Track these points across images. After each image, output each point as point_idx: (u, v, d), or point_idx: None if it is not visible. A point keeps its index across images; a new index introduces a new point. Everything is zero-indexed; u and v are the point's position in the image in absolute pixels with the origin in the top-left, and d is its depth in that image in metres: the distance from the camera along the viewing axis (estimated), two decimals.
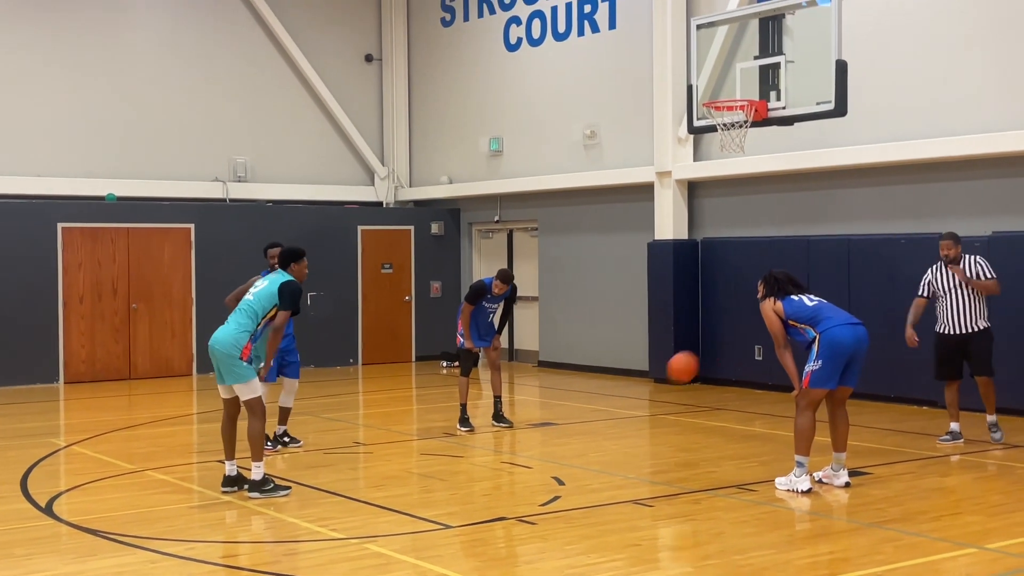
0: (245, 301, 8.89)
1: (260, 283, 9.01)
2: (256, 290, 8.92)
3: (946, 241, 10.89)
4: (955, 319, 10.80)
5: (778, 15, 11.56)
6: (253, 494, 8.65)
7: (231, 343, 8.65)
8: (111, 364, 17.28)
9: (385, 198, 20.70)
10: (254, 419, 8.72)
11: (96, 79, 18.13)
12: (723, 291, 15.55)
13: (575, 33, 17.67)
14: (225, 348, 8.64)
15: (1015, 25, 12.48)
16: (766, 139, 13.91)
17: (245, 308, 8.82)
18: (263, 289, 8.87)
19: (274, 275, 9.01)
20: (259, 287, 8.93)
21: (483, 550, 7.22)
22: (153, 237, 17.65)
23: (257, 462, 8.70)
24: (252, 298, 8.86)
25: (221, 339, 8.70)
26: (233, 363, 8.61)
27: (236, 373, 8.63)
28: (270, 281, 8.91)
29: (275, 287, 8.81)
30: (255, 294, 8.88)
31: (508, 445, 11.37)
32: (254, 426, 8.71)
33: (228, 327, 8.77)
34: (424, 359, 19.63)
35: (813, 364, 8.70)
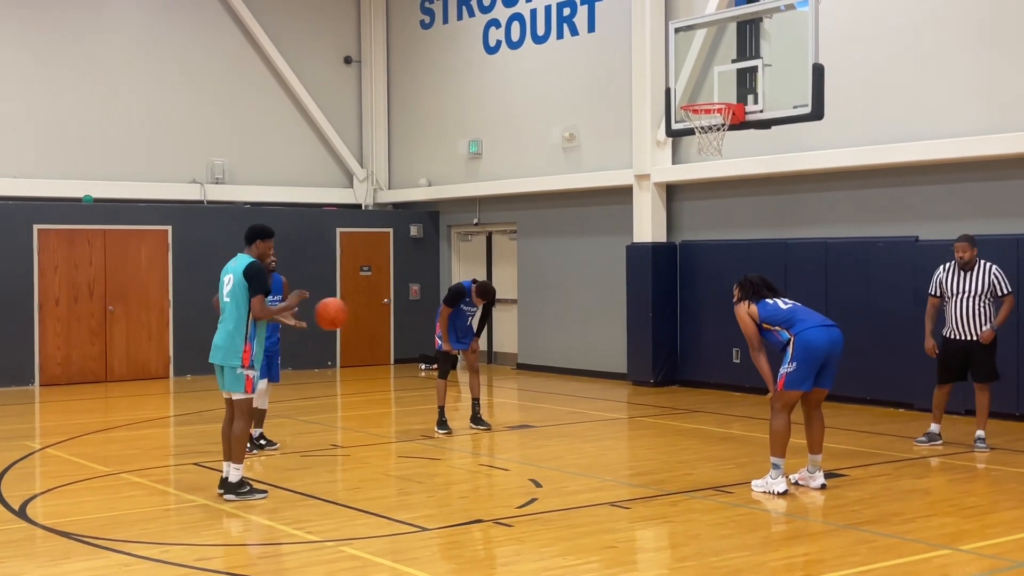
0: (226, 305, 8.73)
1: (227, 278, 8.76)
2: (228, 289, 8.73)
3: (961, 243, 10.63)
4: (961, 324, 10.63)
5: (756, 19, 11.61)
6: (229, 496, 8.61)
7: (231, 353, 8.60)
8: (87, 367, 17.18)
9: (364, 200, 20.67)
10: (241, 420, 8.69)
11: (73, 80, 18.04)
12: (701, 294, 15.59)
13: (554, 36, 17.69)
14: (226, 360, 8.60)
15: (990, 30, 12.57)
16: (744, 142, 13.96)
17: (230, 313, 8.68)
18: (233, 286, 8.68)
19: (235, 264, 8.77)
20: (229, 283, 8.73)
21: (460, 552, 7.21)
22: (130, 239, 17.56)
23: (237, 464, 8.67)
24: (229, 300, 8.71)
25: (220, 350, 8.64)
26: (234, 371, 8.60)
27: (237, 380, 8.62)
28: (234, 273, 8.70)
29: (241, 274, 8.63)
30: (230, 294, 8.70)
31: (486, 447, 11.36)
32: (239, 427, 8.68)
33: (221, 336, 8.67)
34: (402, 362, 19.61)
35: (788, 366, 8.73)
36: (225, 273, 8.86)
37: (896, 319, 13.29)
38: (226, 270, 8.87)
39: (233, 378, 8.62)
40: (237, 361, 8.58)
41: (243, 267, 8.68)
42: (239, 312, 8.64)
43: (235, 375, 8.61)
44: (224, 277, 8.86)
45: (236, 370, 8.59)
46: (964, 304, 10.59)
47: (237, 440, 8.68)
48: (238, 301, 8.65)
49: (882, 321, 13.43)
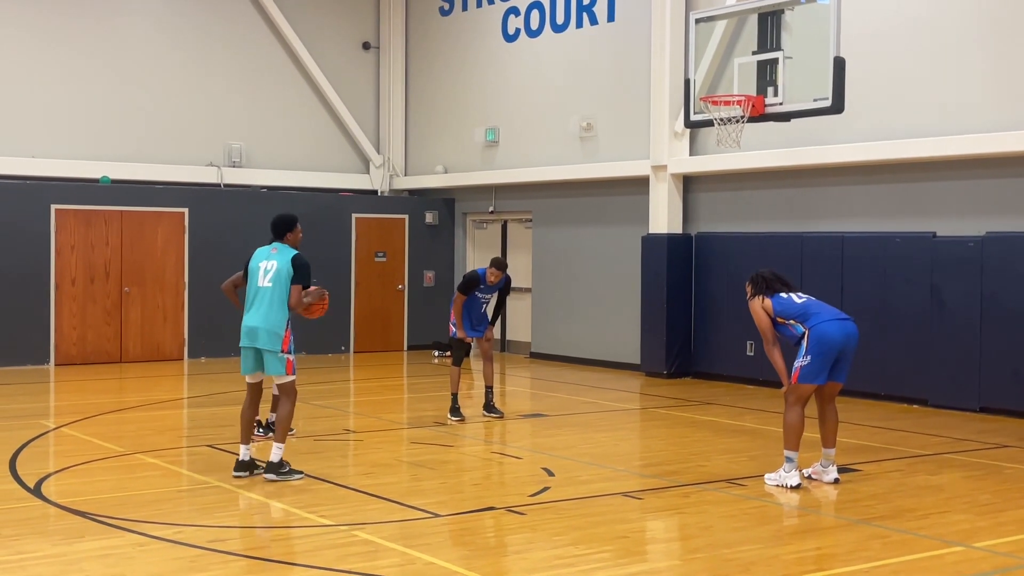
0: (267, 291, 8.73)
1: (269, 265, 8.80)
2: (271, 274, 8.76)
3: None
4: None
5: (777, 11, 11.55)
6: (269, 475, 8.70)
7: (273, 338, 8.70)
8: (102, 347, 17.25)
9: (380, 186, 20.68)
10: (287, 401, 8.85)
11: (93, 61, 18.07)
12: (716, 286, 15.56)
13: (573, 25, 17.65)
14: (268, 344, 8.70)
15: (1013, 27, 12.48)
16: (762, 135, 13.91)
17: (274, 298, 8.72)
18: (278, 271, 8.74)
19: (276, 252, 8.86)
20: (271, 270, 8.77)
21: (471, 539, 7.22)
22: (147, 221, 17.61)
23: (279, 443, 8.79)
24: (272, 284, 8.74)
25: (262, 335, 8.70)
26: (276, 355, 8.72)
27: (280, 363, 8.75)
28: (279, 260, 8.79)
29: (288, 263, 8.74)
30: (273, 280, 8.74)
31: (498, 435, 11.37)
32: (285, 408, 8.84)
33: (261, 321, 8.71)
34: (416, 348, 19.63)
35: (802, 359, 8.71)
36: (260, 260, 8.89)
37: (912, 315, 13.24)
38: (263, 257, 8.90)
39: (275, 362, 8.75)
40: (279, 346, 8.71)
41: (290, 257, 8.77)
42: (283, 299, 8.73)
43: (277, 359, 8.74)
44: (259, 263, 8.87)
45: (278, 355, 8.72)
46: None
47: (282, 422, 8.82)
48: (283, 288, 8.73)
49: (898, 317, 13.39)
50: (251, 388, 9.04)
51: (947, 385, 12.89)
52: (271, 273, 8.78)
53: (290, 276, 8.72)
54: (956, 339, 12.80)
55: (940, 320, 12.97)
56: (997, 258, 12.46)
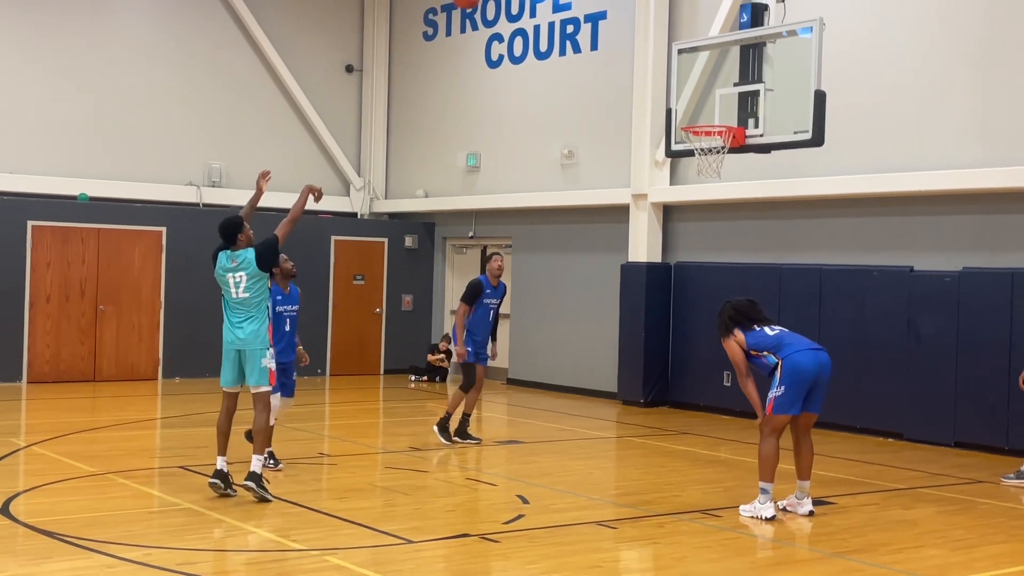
0: (240, 302, 8.81)
1: (237, 277, 8.82)
2: (243, 284, 8.79)
3: None
4: None
5: (759, 43, 11.60)
6: (249, 483, 8.69)
7: (257, 339, 8.81)
8: (76, 365, 17.10)
9: (360, 209, 20.65)
10: (263, 412, 8.89)
11: (74, 78, 18.00)
12: (694, 316, 15.57)
13: (557, 52, 17.71)
14: (252, 346, 8.80)
15: (992, 65, 12.60)
16: (743, 166, 13.96)
17: (252, 303, 8.80)
18: (247, 282, 8.80)
19: (238, 264, 8.81)
20: (241, 281, 8.80)
21: (444, 566, 7.16)
22: (124, 239, 17.51)
23: (259, 455, 8.80)
24: (249, 295, 8.80)
25: (246, 339, 8.80)
26: (260, 360, 8.79)
27: (263, 373, 8.83)
28: (244, 269, 8.79)
29: (253, 263, 8.78)
30: (248, 289, 8.79)
31: (473, 462, 11.32)
32: (261, 419, 8.88)
33: (247, 327, 8.81)
34: (392, 372, 19.55)
35: (776, 390, 8.71)
36: (226, 271, 8.89)
37: (889, 348, 13.28)
38: (227, 268, 8.89)
39: (260, 371, 8.81)
40: (266, 348, 8.81)
41: (253, 257, 8.81)
42: (260, 304, 8.85)
43: (261, 368, 8.80)
44: (227, 275, 8.88)
45: (262, 361, 8.78)
46: None
47: (260, 432, 8.85)
48: (260, 289, 8.85)
49: (875, 350, 13.42)
50: (227, 398, 9.01)
51: (922, 419, 12.92)
52: (243, 284, 8.83)
53: (262, 277, 8.82)
54: (932, 373, 12.84)
55: (916, 354, 13.02)
56: (973, 294, 12.53)
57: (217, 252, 9.02)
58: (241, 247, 8.94)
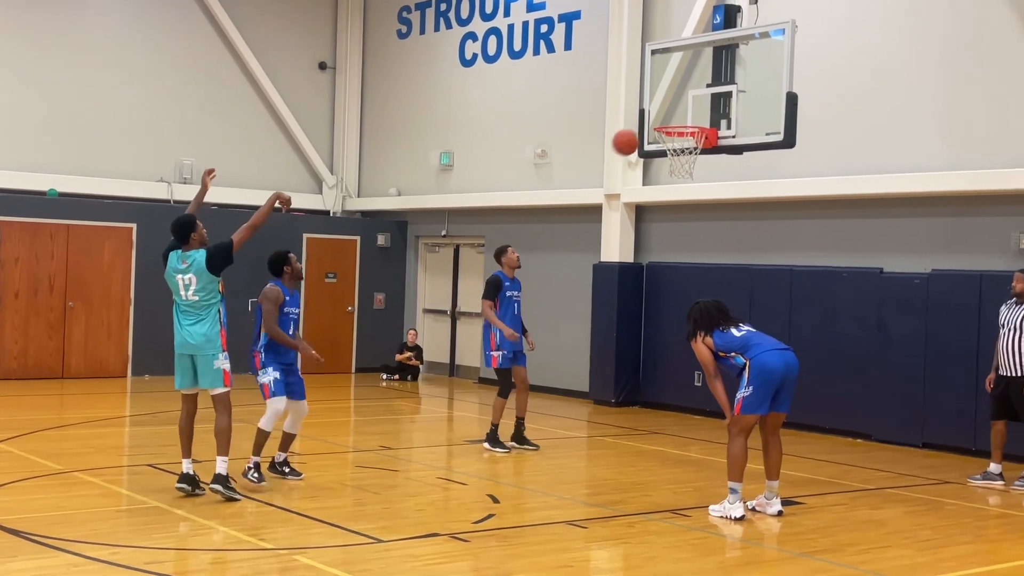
0: (191, 304, 8.65)
1: (187, 279, 8.65)
2: (192, 288, 8.62)
3: (1017, 274, 10.48)
4: (1005, 357, 10.37)
5: (732, 45, 11.64)
6: (215, 487, 8.58)
7: (208, 343, 8.62)
8: (44, 362, 16.96)
9: (332, 207, 20.58)
10: (224, 414, 8.74)
11: (44, 73, 17.85)
12: (666, 316, 15.61)
13: (530, 52, 17.71)
14: (203, 350, 8.62)
15: (961, 68, 12.70)
16: (715, 167, 14.00)
17: (202, 305, 8.65)
18: (197, 284, 8.63)
19: (189, 265, 8.64)
20: (191, 284, 8.64)
21: (414, 565, 7.15)
22: (94, 235, 17.38)
23: (224, 457, 8.67)
24: (198, 297, 8.64)
25: (197, 344, 8.61)
26: (213, 363, 8.62)
27: (216, 375, 8.65)
28: (195, 272, 8.62)
29: (204, 266, 8.61)
30: (198, 291, 8.63)
31: (444, 461, 11.30)
32: (223, 421, 8.73)
33: (197, 330, 8.63)
34: (364, 371, 19.50)
35: (744, 391, 8.73)
36: (176, 272, 8.71)
37: (859, 350, 13.36)
38: (178, 269, 8.71)
39: (212, 374, 8.65)
40: (217, 350, 8.62)
41: (204, 259, 8.64)
42: (210, 307, 8.67)
43: (214, 371, 8.64)
44: (176, 277, 8.70)
45: (215, 363, 8.62)
46: (1009, 337, 10.35)
47: (223, 435, 8.69)
48: (210, 292, 8.66)
49: (844, 351, 13.50)
50: (186, 400, 8.90)
51: (891, 420, 13.01)
52: (193, 286, 8.66)
53: (212, 278, 8.64)
54: (901, 375, 12.93)
55: (885, 355, 13.10)
56: (942, 295, 12.62)
57: (167, 252, 8.85)
58: (194, 247, 8.76)
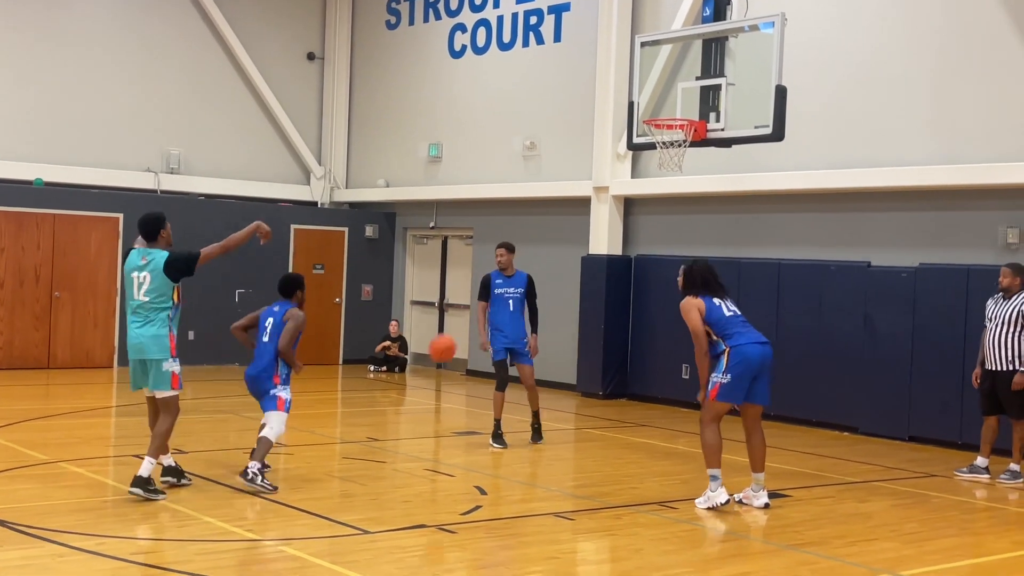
0: (142, 304, 8.34)
1: (142, 277, 8.33)
2: (146, 286, 8.31)
3: (1004, 268, 10.45)
4: (991, 352, 10.36)
5: (721, 37, 11.66)
6: (135, 490, 8.24)
7: (158, 348, 8.30)
8: (29, 352, 16.89)
9: (320, 198, 20.53)
10: (167, 416, 8.47)
11: (30, 61, 17.76)
12: (654, 308, 15.62)
13: (520, 44, 17.68)
14: (151, 353, 8.30)
15: (949, 63, 12.72)
16: (704, 160, 14.00)
17: (152, 308, 8.32)
18: (151, 284, 8.31)
19: (148, 263, 8.36)
20: (145, 282, 8.32)
21: (401, 557, 7.13)
22: (80, 225, 17.30)
23: (153, 458, 8.37)
24: (149, 298, 8.31)
25: (147, 348, 8.31)
26: (162, 367, 8.33)
27: (164, 378, 8.37)
28: (151, 271, 8.31)
29: (162, 268, 8.29)
30: (149, 291, 8.30)
31: (431, 453, 11.29)
32: (165, 423, 8.46)
33: (144, 332, 8.32)
34: (352, 362, 19.47)
35: (721, 376, 8.68)
36: (133, 269, 8.41)
37: (846, 343, 13.39)
38: (135, 266, 8.41)
39: (160, 376, 8.36)
40: (167, 354, 8.31)
41: (163, 260, 8.34)
42: (160, 311, 8.36)
43: (162, 373, 8.34)
44: (132, 274, 8.40)
45: (163, 366, 8.32)
46: (994, 332, 10.34)
47: (160, 436, 8.42)
48: (163, 295, 8.33)
49: (832, 344, 13.52)
50: (151, 401, 8.67)
51: (878, 413, 13.04)
52: (146, 285, 8.34)
53: (168, 284, 8.31)
54: (887, 368, 12.95)
55: (872, 349, 13.13)
56: (929, 289, 12.65)
57: (130, 250, 8.59)
58: (159, 245, 8.50)
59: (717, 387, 8.70)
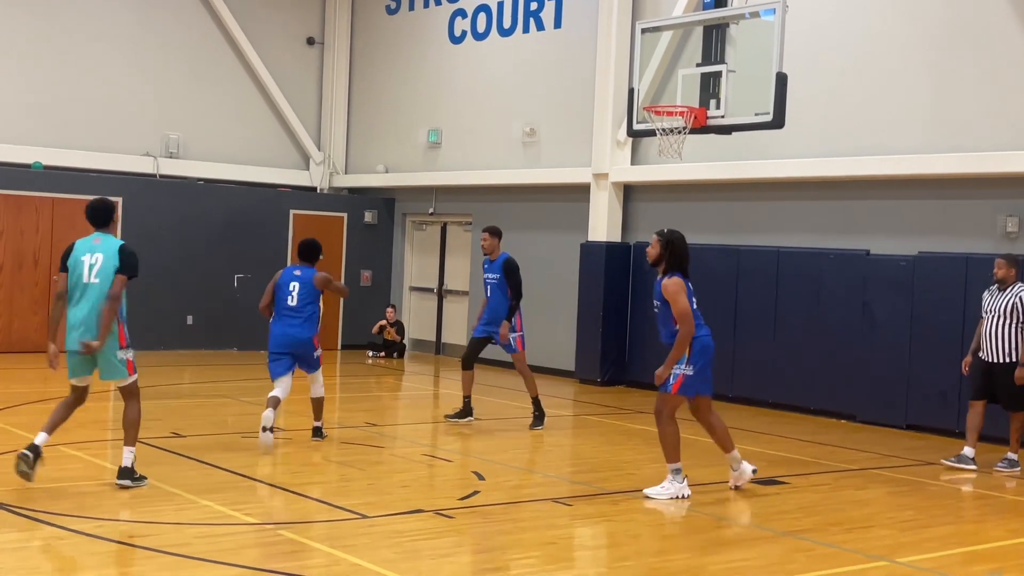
0: (95, 287, 8.02)
1: (93, 259, 8.03)
2: (97, 268, 8.03)
3: (998, 260, 10.43)
4: (987, 343, 10.34)
5: (722, 24, 11.63)
6: (124, 481, 8.13)
7: (108, 337, 8.01)
8: (28, 336, 16.88)
9: (319, 184, 20.51)
10: (134, 403, 8.25)
11: (29, 45, 17.72)
12: (652, 296, 15.57)
13: (520, 29, 17.64)
14: (106, 348, 8.00)
15: (949, 50, 12.69)
16: (704, 147, 13.98)
17: (99, 292, 8.01)
18: (103, 265, 7.99)
19: (100, 243, 8.08)
20: (96, 263, 8.01)
21: (398, 541, 7.15)
22: (79, 209, 17.03)
23: (131, 447, 8.22)
24: (99, 280, 8.01)
25: (95, 330, 8.00)
26: (113, 356, 8.05)
27: (117, 367, 8.10)
28: (103, 252, 8.04)
29: (115, 253, 8.03)
30: (100, 274, 8.01)
31: (429, 438, 11.30)
32: (133, 411, 8.24)
33: (92, 322, 8.01)
34: (350, 348, 19.47)
35: (686, 368, 8.58)
36: (83, 253, 8.09)
37: (844, 331, 13.39)
38: (85, 249, 8.10)
39: (113, 367, 8.09)
40: (116, 343, 8.05)
41: (116, 248, 8.11)
42: None
43: (116, 363, 8.08)
44: (82, 257, 8.07)
45: (116, 355, 8.06)
46: (991, 323, 10.31)
47: (132, 425, 8.21)
48: (110, 279, 8.02)
49: (830, 332, 13.53)
50: (76, 391, 8.32)
51: (875, 401, 13.06)
52: (97, 267, 8.02)
53: (115, 268, 8.05)
54: (886, 356, 12.96)
55: (871, 337, 13.13)
56: (928, 278, 12.65)
57: (72, 245, 8.25)
58: (111, 232, 8.27)
59: (681, 379, 8.57)
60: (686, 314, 8.49)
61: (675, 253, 8.67)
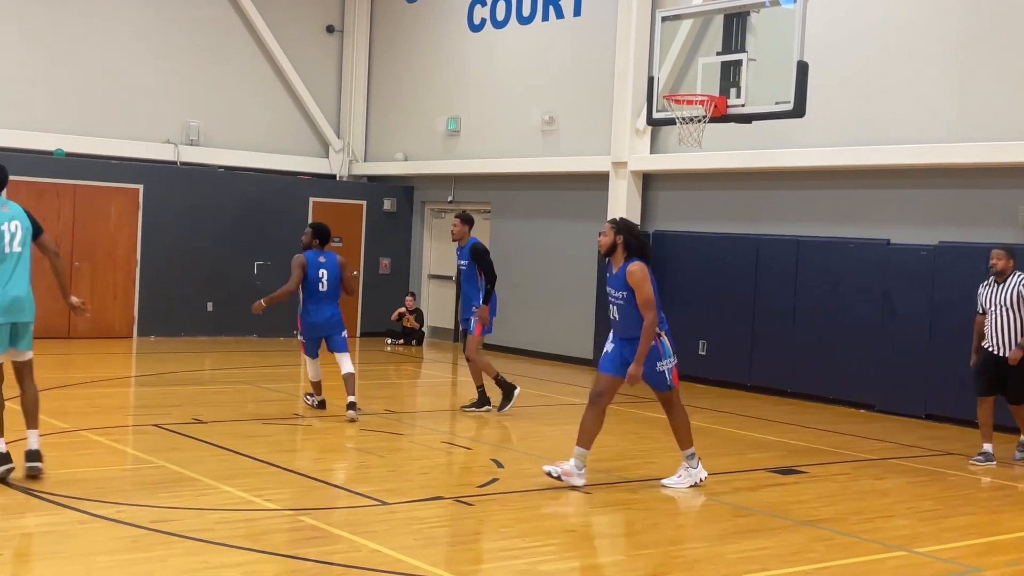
0: (17, 256, 7.88)
1: (12, 226, 7.84)
2: (20, 235, 7.86)
3: (996, 251, 10.32)
4: (996, 337, 10.26)
5: (743, 12, 11.61)
6: (35, 464, 7.85)
7: (31, 308, 7.98)
8: (49, 322, 16.89)
9: (339, 171, 20.55)
10: (32, 382, 8.00)
11: (51, 33, 17.80)
12: (671, 285, 15.55)
13: (540, 17, 17.62)
14: (31, 316, 7.91)
15: (971, 41, 12.62)
16: (724, 136, 13.96)
17: (24, 261, 7.95)
18: (21, 233, 7.87)
19: (8, 211, 7.89)
20: (17, 231, 7.85)
21: (418, 528, 7.19)
22: (100, 196, 17.37)
23: (37, 430, 7.99)
24: (22, 248, 7.88)
25: (27, 305, 7.89)
26: (30, 325, 7.97)
27: (31, 334, 7.95)
28: (19, 219, 7.89)
29: (25, 216, 7.96)
30: (22, 244, 7.88)
31: (448, 426, 11.34)
32: (35, 389, 8.02)
33: (27, 289, 7.92)
34: (369, 335, 19.53)
35: (669, 361, 8.57)
36: (2, 223, 7.80)
37: (863, 321, 13.36)
38: (3, 219, 7.83)
39: (28, 333, 7.96)
40: (33, 315, 7.94)
41: (25, 213, 7.96)
42: (27, 264, 7.97)
43: (29, 328, 7.95)
44: (2, 227, 7.80)
45: (31, 324, 7.92)
46: (998, 316, 10.21)
47: (38, 405, 8.02)
48: (27, 246, 7.95)
49: (849, 322, 13.50)
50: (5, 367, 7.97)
51: (895, 391, 13.03)
52: (18, 235, 7.85)
53: (30, 232, 7.90)
54: (905, 346, 12.93)
55: (890, 326, 13.10)
56: (948, 267, 12.60)
57: None
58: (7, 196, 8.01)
59: (676, 371, 8.60)
60: (651, 301, 8.27)
61: (635, 237, 8.38)
